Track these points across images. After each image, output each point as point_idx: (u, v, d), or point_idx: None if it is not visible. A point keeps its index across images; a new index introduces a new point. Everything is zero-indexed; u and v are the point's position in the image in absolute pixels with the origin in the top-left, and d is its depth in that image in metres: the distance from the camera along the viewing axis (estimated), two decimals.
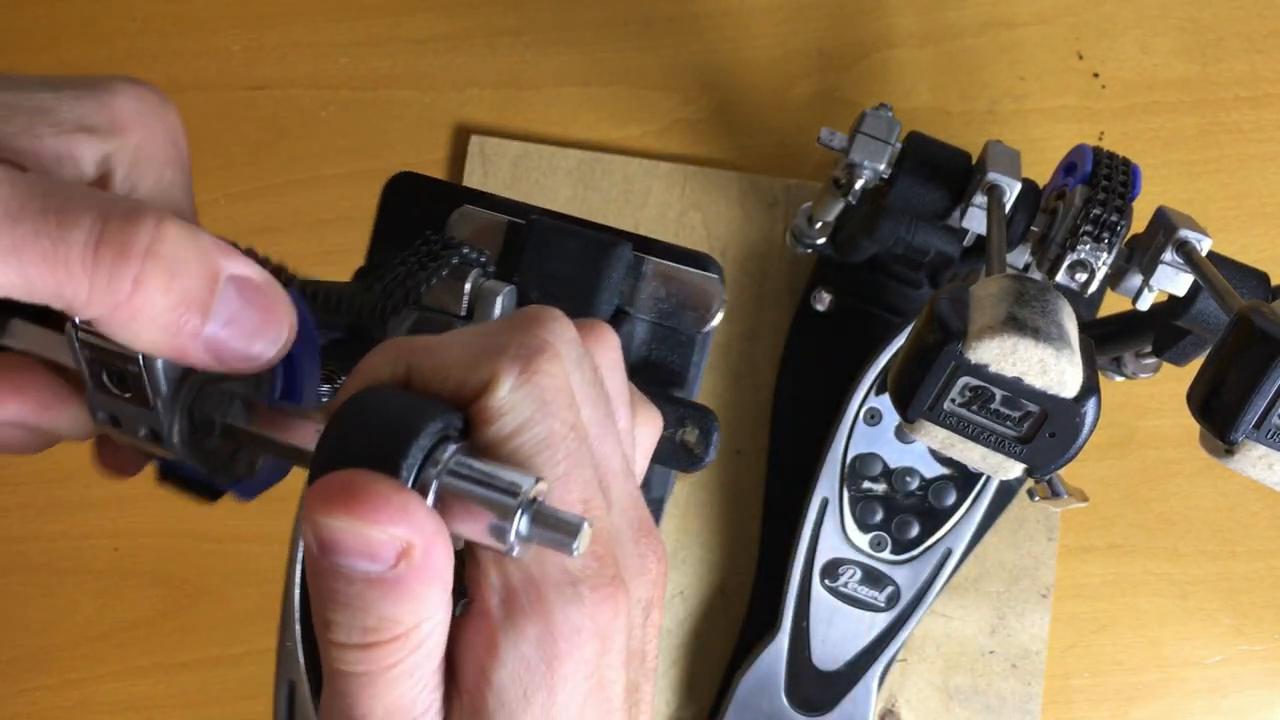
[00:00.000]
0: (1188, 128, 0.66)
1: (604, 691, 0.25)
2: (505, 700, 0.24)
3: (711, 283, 0.34)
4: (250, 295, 0.25)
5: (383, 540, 0.22)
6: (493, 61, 0.67)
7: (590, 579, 0.25)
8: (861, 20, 0.67)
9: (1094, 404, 0.34)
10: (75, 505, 0.64)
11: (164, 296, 0.24)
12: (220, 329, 0.25)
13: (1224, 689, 0.64)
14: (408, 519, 0.22)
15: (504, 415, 0.24)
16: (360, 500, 0.22)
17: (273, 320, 0.26)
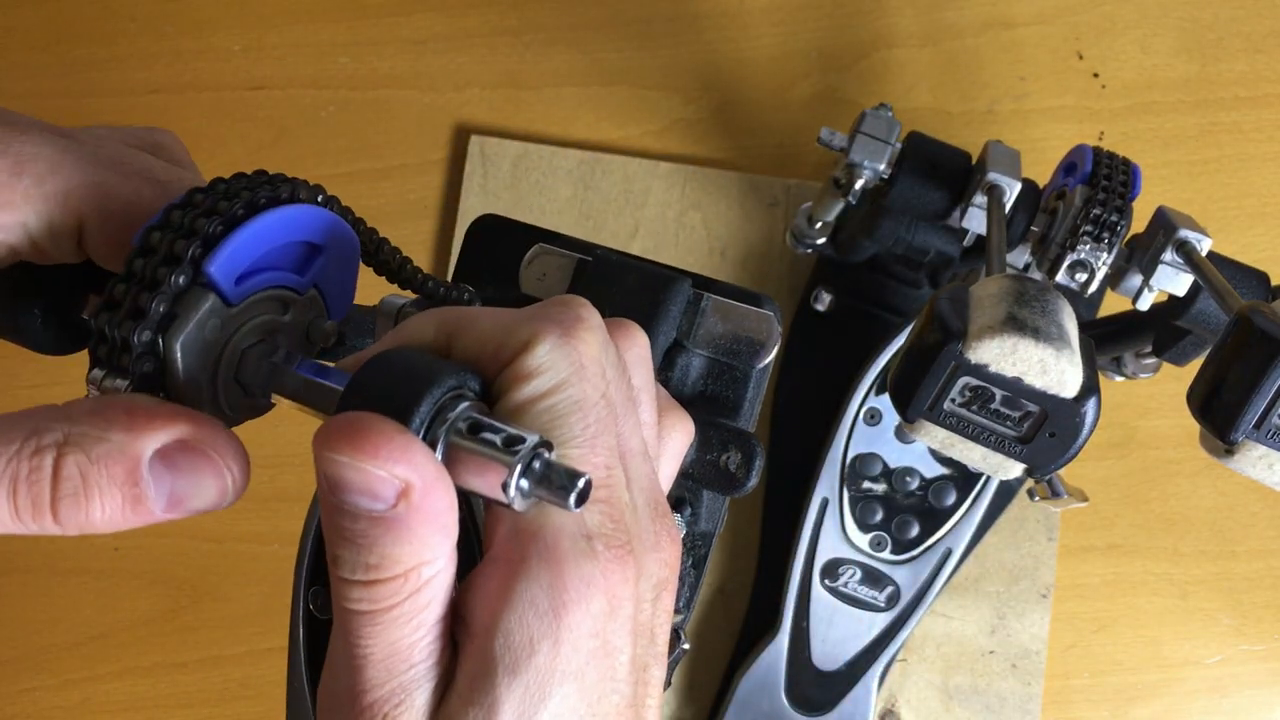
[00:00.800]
0: (1188, 127, 0.66)
1: (609, 658, 0.25)
2: (511, 644, 0.24)
3: (767, 320, 0.35)
4: (182, 459, 0.26)
5: (383, 478, 0.23)
6: (493, 61, 0.67)
7: (604, 536, 0.25)
8: (861, 20, 0.67)
9: (1094, 404, 0.34)
10: None
11: (93, 515, 0.25)
12: (165, 505, 0.26)
13: (1224, 689, 0.64)
14: (407, 459, 0.23)
15: (542, 373, 0.25)
16: (363, 438, 0.23)
17: (213, 469, 0.26)
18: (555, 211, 0.65)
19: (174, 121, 0.62)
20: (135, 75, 0.65)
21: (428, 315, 0.27)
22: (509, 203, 0.65)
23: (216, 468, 0.26)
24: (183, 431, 0.26)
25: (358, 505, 0.23)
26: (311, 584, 0.35)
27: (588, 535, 0.25)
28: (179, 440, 0.26)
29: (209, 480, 0.26)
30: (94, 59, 0.65)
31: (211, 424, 0.26)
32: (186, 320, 0.26)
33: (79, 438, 0.25)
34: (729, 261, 0.65)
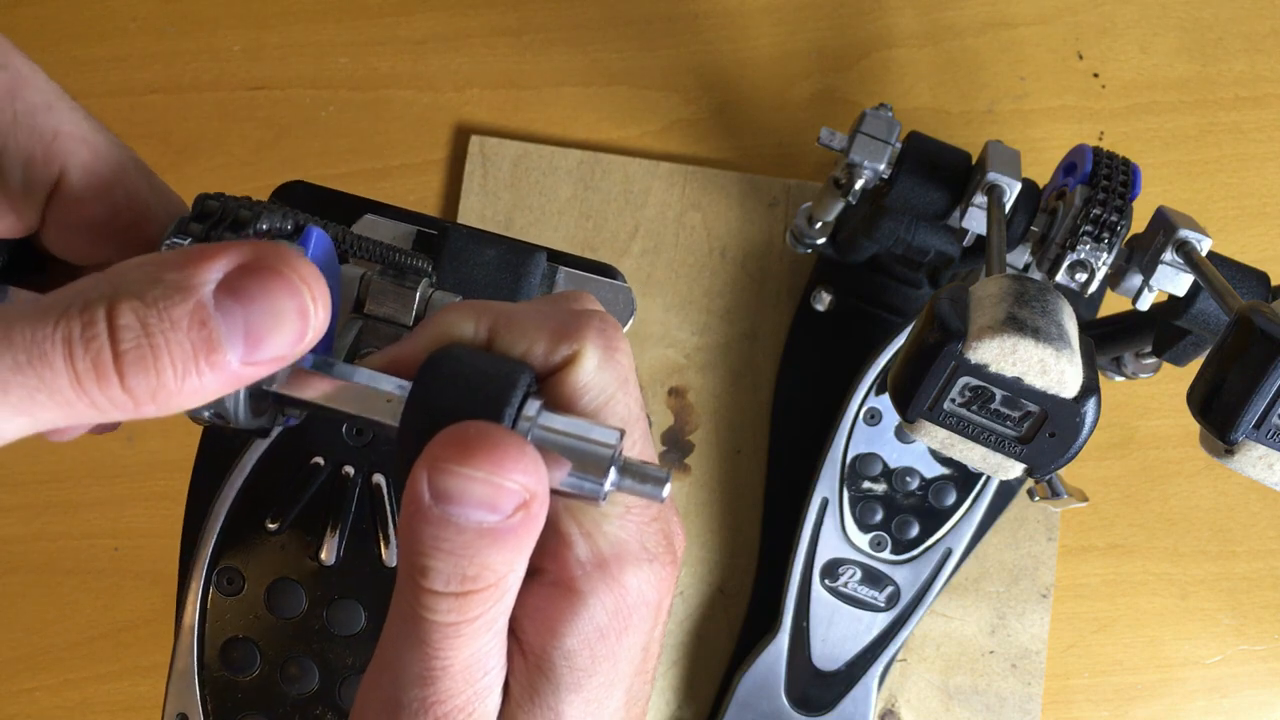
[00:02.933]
0: (1188, 128, 0.66)
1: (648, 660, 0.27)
2: (574, 664, 0.25)
3: (623, 291, 0.35)
4: (251, 284, 0.21)
5: (510, 490, 0.22)
6: (493, 61, 0.67)
7: (661, 555, 0.26)
8: (861, 20, 0.67)
9: (1094, 404, 0.34)
10: (75, 505, 0.64)
11: (164, 373, 0.21)
12: (243, 350, 0.22)
13: (1224, 689, 0.64)
14: (533, 469, 0.23)
15: (590, 390, 0.26)
16: (489, 450, 0.22)
17: (288, 288, 0.22)
18: (555, 211, 0.65)
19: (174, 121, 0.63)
20: (135, 75, 0.65)
21: (463, 309, 0.26)
22: (509, 203, 0.65)
23: (291, 285, 0.22)
24: (245, 255, 0.22)
25: (468, 518, 0.22)
26: (216, 565, 0.34)
27: (651, 557, 0.26)
28: (242, 265, 0.21)
29: (286, 303, 0.22)
30: (94, 59, 0.65)
31: (275, 245, 0.22)
32: None
33: (130, 285, 0.21)
34: (729, 261, 0.65)
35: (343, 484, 0.36)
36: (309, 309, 0.22)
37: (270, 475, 0.36)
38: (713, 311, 0.65)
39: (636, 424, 0.26)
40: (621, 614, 0.25)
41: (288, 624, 0.35)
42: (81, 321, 0.20)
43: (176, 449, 0.64)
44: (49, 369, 0.20)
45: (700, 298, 0.65)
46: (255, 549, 0.35)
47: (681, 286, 0.65)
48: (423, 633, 0.23)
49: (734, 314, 0.65)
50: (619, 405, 0.26)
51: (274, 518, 0.36)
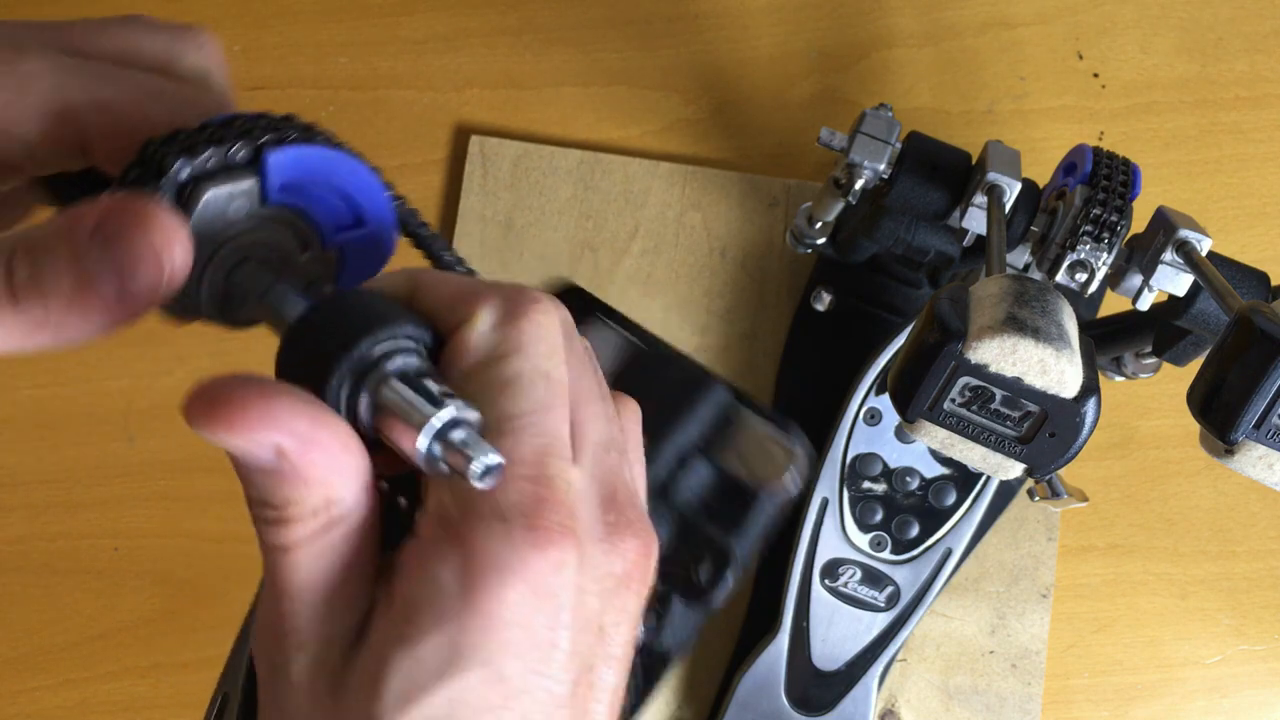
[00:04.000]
0: (1188, 128, 0.66)
1: (536, 650, 0.24)
2: (418, 621, 0.24)
3: (795, 456, 0.34)
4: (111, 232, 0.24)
5: (247, 447, 0.23)
6: (493, 61, 0.67)
7: (524, 519, 0.24)
8: (861, 20, 0.67)
9: (1094, 404, 0.34)
10: (75, 505, 0.64)
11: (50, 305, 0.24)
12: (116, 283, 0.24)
13: (1224, 689, 0.64)
14: (270, 423, 0.23)
15: (476, 348, 0.25)
16: (219, 411, 0.23)
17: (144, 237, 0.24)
18: (555, 211, 0.65)
19: None
20: None
21: (404, 270, 0.27)
22: (509, 203, 0.65)
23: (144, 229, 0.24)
24: (110, 205, 0.24)
25: (243, 460, 0.24)
26: None
27: (502, 518, 0.24)
28: (106, 212, 0.24)
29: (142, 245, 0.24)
30: None
31: (134, 196, 0.25)
32: (225, 181, 0.26)
33: (30, 237, 0.24)
34: (729, 261, 0.65)
35: None
36: (162, 251, 0.24)
37: None
38: (713, 311, 0.65)
39: (555, 394, 0.25)
40: (467, 574, 0.24)
41: None
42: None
43: (176, 449, 0.64)
44: None
45: (700, 298, 0.65)
46: None
47: (681, 286, 0.65)
48: (266, 558, 0.25)
49: (734, 314, 0.65)
50: (508, 367, 0.25)
51: None
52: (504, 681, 0.24)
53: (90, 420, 0.64)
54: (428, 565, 0.24)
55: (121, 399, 0.64)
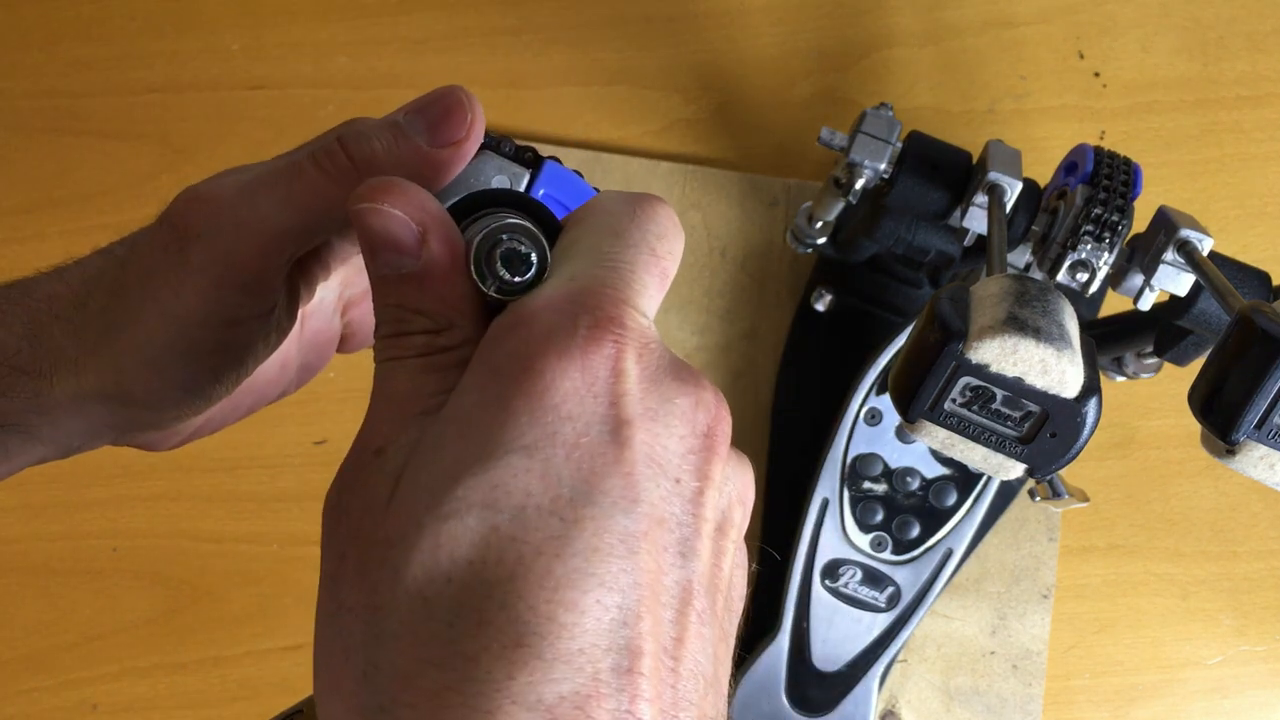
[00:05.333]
0: (1189, 127, 0.66)
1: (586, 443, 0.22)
2: (463, 399, 0.24)
3: None
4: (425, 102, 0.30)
5: (397, 216, 0.25)
6: (492, 61, 0.67)
7: (591, 317, 0.23)
8: (862, 20, 0.67)
9: (1095, 404, 0.34)
10: (75, 505, 0.64)
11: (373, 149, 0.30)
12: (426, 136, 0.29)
13: (1225, 689, 0.64)
14: (420, 203, 0.26)
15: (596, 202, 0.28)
16: (382, 189, 0.26)
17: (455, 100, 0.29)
18: None
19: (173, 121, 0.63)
20: (134, 75, 0.65)
21: None
22: None
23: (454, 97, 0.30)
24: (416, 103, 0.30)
25: (391, 263, 0.25)
26: None
27: (574, 315, 0.23)
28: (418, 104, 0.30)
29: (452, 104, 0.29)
30: (93, 58, 0.65)
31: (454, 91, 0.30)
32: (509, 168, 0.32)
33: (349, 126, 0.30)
34: (729, 261, 0.65)
35: None
36: (467, 108, 0.29)
37: None
38: (713, 311, 0.65)
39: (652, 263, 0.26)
40: (522, 356, 0.23)
41: None
42: (320, 144, 0.31)
43: (178, 449, 0.64)
44: (301, 172, 0.31)
45: (700, 298, 0.65)
46: None
47: (681, 286, 0.65)
48: (379, 371, 0.26)
49: (734, 314, 0.65)
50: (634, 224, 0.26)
51: None
52: (552, 478, 0.22)
53: None
54: (484, 350, 0.24)
55: None
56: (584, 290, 0.24)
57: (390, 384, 0.25)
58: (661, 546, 0.22)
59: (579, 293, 0.24)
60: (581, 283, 0.24)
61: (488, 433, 0.22)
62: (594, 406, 0.22)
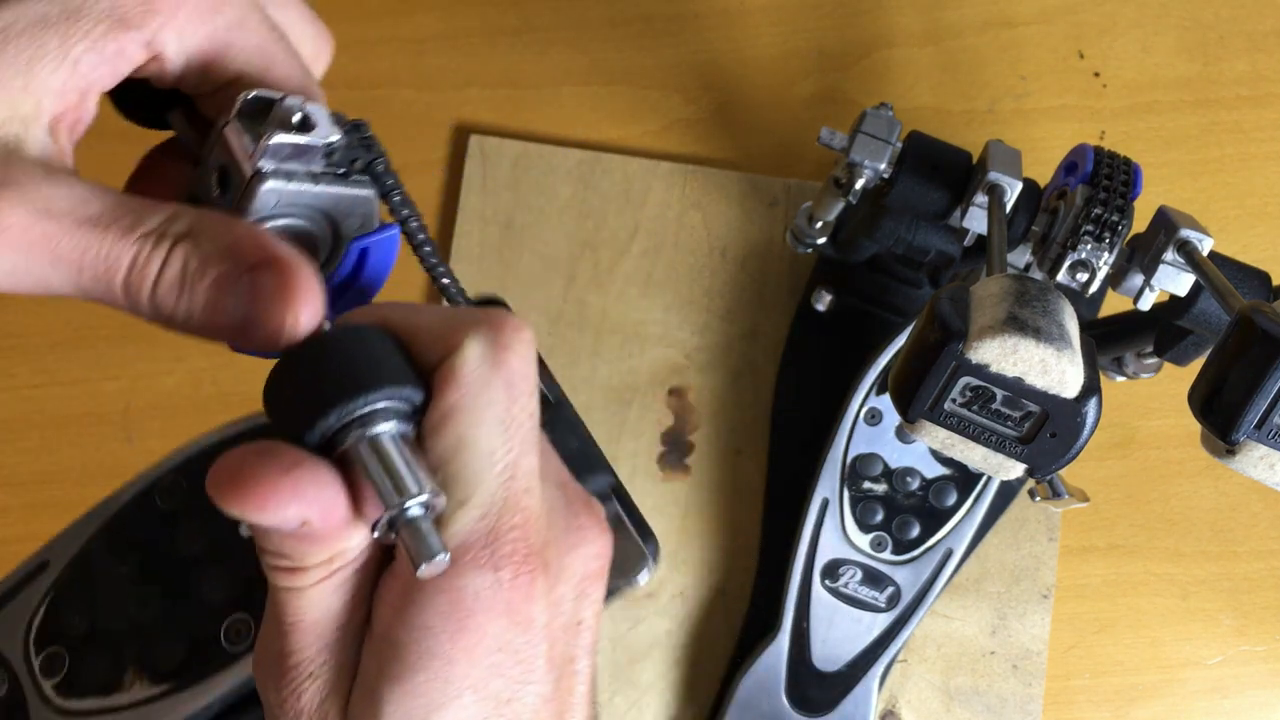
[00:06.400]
0: (1189, 127, 0.66)
1: (519, 665, 0.26)
2: (401, 655, 0.25)
3: (649, 553, 0.35)
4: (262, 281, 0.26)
5: (275, 521, 0.24)
6: (493, 61, 0.67)
7: (513, 565, 0.26)
8: (862, 20, 0.67)
9: (1095, 404, 0.34)
10: (75, 505, 0.64)
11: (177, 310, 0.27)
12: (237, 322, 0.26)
13: (1225, 690, 0.64)
14: (299, 499, 0.24)
15: (468, 385, 0.26)
16: (249, 496, 0.24)
17: (286, 305, 0.26)
18: (555, 211, 0.65)
19: None
20: None
21: (365, 309, 0.28)
22: (509, 202, 0.65)
23: (291, 301, 0.26)
24: (279, 258, 0.26)
25: (267, 522, 0.24)
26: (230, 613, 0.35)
27: (495, 567, 0.26)
28: (270, 262, 0.26)
29: (282, 311, 0.26)
30: None
31: (307, 266, 0.26)
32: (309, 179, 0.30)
33: (202, 233, 0.26)
34: (729, 261, 0.65)
35: None
36: (296, 319, 0.26)
37: None
38: (713, 311, 0.65)
39: (529, 428, 0.27)
40: (455, 617, 0.25)
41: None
42: (155, 244, 0.26)
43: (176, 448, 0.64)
44: (106, 273, 0.26)
45: (700, 298, 0.65)
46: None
47: (681, 286, 0.65)
48: (276, 596, 0.26)
49: (734, 314, 0.65)
50: (498, 407, 0.26)
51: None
52: (494, 698, 0.26)
53: (89, 420, 0.64)
54: (411, 609, 0.26)
55: (120, 399, 0.64)
56: (495, 534, 0.26)
57: (298, 613, 0.26)
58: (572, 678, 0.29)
59: (492, 539, 0.26)
60: (490, 521, 0.26)
61: (438, 683, 0.26)
62: (522, 636, 0.26)
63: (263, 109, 0.29)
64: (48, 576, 0.35)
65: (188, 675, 0.34)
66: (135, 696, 0.34)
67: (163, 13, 0.28)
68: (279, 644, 0.27)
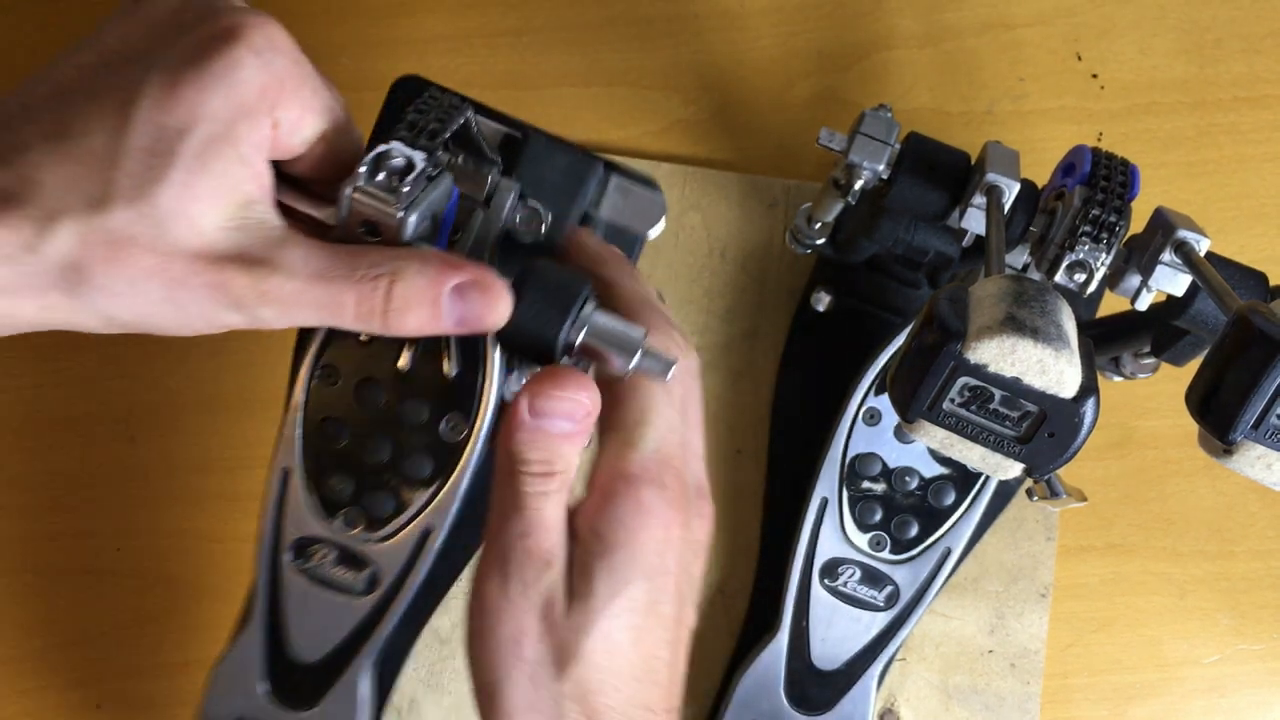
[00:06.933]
0: (1186, 128, 0.66)
1: (664, 575, 0.38)
2: (605, 539, 0.37)
3: (659, 199, 0.47)
4: (467, 294, 0.37)
5: (580, 405, 0.37)
6: (493, 62, 0.67)
7: (668, 488, 0.38)
8: (861, 21, 0.67)
9: (1093, 404, 0.34)
10: (77, 505, 0.64)
11: (406, 324, 0.37)
12: (453, 324, 0.37)
13: (1222, 688, 0.64)
14: (593, 392, 0.37)
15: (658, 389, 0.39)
16: (568, 382, 0.37)
17: (485, 306, 0.37)
18: None
19: None
20: None
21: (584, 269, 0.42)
22: None
23: (490, 303, 0.37)
24: (472, 274, 0.37)
25: (553, 426, 0.37)
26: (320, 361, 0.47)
27: (661, 484, 0.38)
28: (468, 280, 0.37)
29: (484, 311, 0.37)
30: None
31: (490, 272, 0.37)
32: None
33: (406, 270, 0.36)
34: (729, 261, 0.65)
35: None
36: (496, 313, 0.38)
37: None
38: (713, 312, 0.65)
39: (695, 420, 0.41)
40: (638, 514, 0.37)
41: (370, 412, 0.48)
42: (371, 286, 0.36)
43: (178, 449, 0.64)
44: (339, 310, 0.36)
45: (700, 298, 0.65)
46: (350, 353, 0.48)
47: (681, 287, 0.65)
48: (522, 501, 0.37)
49: (734, 314, 0.65)
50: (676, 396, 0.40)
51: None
52: (651, 592, 0.38)
53: (92, 420, 0.64)
54: (608, 506, 0.37)
55: (123, 399, 0.64)
56: (664, 464, 0.38)
57: (545, 513, 0.37)
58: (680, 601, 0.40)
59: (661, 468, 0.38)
60: (662, 455, 0.38)
61: (628, 561, 0.37)
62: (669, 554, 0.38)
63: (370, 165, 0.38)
64: (295, 478, 0.48)
65: (440, 471, 0.47)
66: (419, 504, 0.47)
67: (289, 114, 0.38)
68: (524, 542, 0.37)
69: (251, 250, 0.35)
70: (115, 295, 0.34)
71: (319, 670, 0.50)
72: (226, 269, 0.35)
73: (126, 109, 0.34)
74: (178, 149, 0.34)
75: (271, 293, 0.35)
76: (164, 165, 0.34)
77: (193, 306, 0.35)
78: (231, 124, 0.35)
